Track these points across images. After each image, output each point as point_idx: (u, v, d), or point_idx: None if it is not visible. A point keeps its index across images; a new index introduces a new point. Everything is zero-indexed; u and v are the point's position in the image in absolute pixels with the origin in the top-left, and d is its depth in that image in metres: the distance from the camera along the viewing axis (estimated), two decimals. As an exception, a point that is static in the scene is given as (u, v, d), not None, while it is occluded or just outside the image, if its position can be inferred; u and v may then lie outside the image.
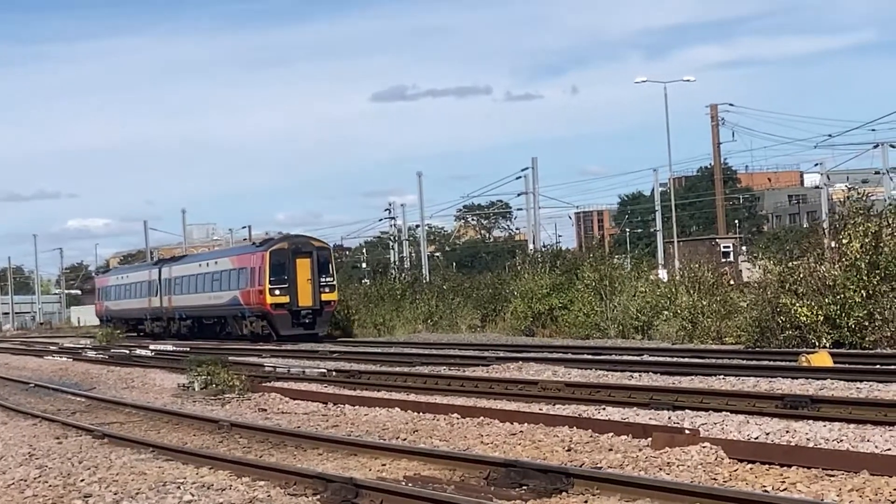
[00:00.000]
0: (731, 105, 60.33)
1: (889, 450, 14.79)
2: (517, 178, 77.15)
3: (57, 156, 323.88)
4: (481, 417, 20.38)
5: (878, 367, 26.04)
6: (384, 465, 16.09)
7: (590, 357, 33.99)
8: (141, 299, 76.44)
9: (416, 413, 22.12)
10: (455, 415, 21.11)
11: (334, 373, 32.87)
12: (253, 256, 60.00)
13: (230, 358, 34.41)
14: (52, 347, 63.23)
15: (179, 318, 69.75)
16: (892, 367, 25.90)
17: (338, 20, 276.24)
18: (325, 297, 58.11)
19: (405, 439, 18.92)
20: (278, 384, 29.85)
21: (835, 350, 30.43)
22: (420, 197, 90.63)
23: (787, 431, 16.65)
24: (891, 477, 12.94)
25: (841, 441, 15.70)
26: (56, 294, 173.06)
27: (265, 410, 25.00)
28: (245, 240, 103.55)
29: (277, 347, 51.22)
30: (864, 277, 33.03)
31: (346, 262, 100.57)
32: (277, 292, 57.51)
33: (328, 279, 58.62)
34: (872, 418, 17.55)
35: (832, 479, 13.25)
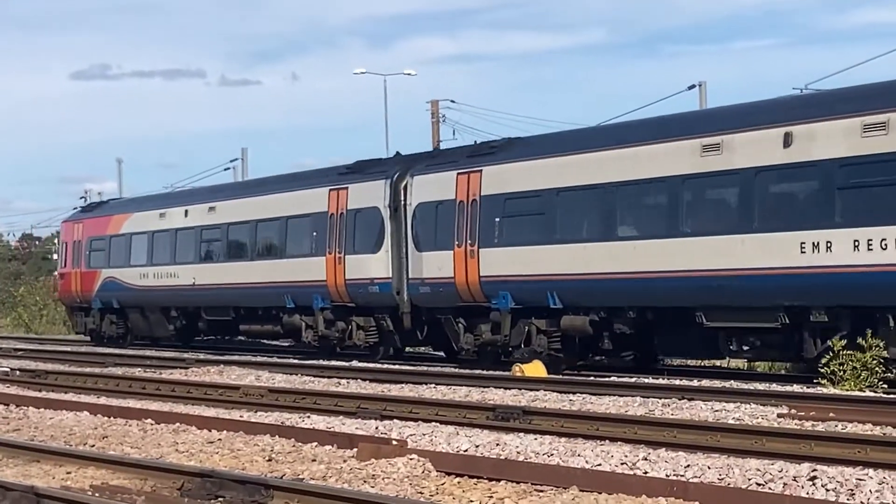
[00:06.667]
0: (452, 101, 60.88)
1: (599, 465, 15.15)
2: (226, 170, 75.91)
3: None
4: (177, 424, 20.24)
5: (592, 379, 26.79)
6: (69, 472, 15.78)
7: (296, 362, 34.03)
8: (296, 260, 37.21)
9: (106, 417, 21.85)
10: (149, 420, 20.90)
11: (18, 372, 32.21)
12: None
13: None
14: None
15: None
16: (606, 379, 26.71)
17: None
18: None
19: (93, 445, 18.68)
20: (-46, 383, 29.03)
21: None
22: (119, 185, 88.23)
23: (498, 444, 16.93)
24: (600, 493, 13.33)
25: (552, 455, 16.01)
26: None
27: (-62, 411, 24.23)
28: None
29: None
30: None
31: (35, 252, 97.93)
32: None
33: None
34: (584, 432, 18.01)
35: (541, 494, 13.57)
